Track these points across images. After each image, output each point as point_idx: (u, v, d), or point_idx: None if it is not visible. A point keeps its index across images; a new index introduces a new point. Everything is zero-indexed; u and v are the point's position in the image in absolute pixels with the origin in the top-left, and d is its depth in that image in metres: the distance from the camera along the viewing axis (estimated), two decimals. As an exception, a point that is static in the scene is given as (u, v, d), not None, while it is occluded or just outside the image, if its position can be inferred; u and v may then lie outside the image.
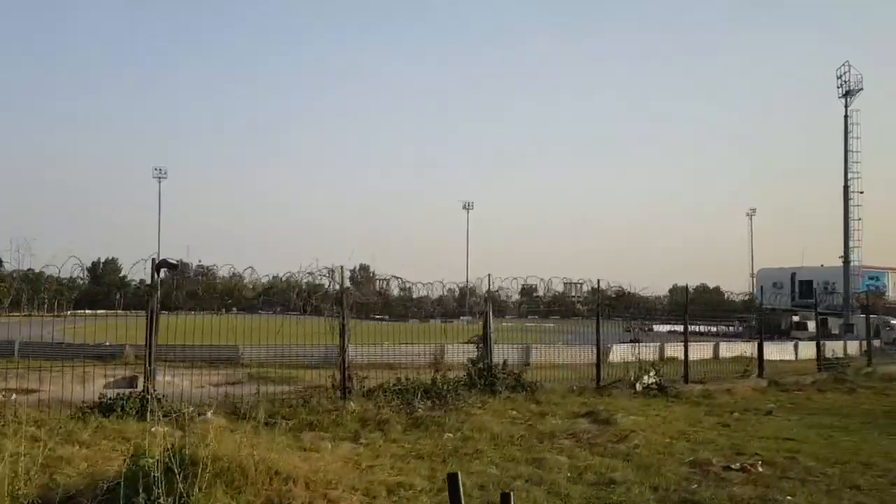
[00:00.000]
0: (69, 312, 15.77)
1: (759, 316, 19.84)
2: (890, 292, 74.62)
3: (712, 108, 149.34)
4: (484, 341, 13.51)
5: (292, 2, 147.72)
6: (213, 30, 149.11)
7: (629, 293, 17.27)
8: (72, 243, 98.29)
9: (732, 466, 8.32)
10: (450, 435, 9.90)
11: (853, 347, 38.21)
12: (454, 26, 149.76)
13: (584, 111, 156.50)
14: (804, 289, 76.50)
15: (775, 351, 32.64)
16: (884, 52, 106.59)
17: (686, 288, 16.98)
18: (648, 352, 29.88)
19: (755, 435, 10.85)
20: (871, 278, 73.73)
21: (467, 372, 13.23)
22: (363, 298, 13.60)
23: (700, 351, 25.78)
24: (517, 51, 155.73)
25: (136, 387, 13.91)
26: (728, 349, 30.58)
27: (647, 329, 42.39)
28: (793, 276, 78.84)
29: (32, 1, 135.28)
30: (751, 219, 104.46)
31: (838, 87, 65.35)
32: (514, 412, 11.96)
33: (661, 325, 47.84)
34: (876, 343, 43.80)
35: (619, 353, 26.57)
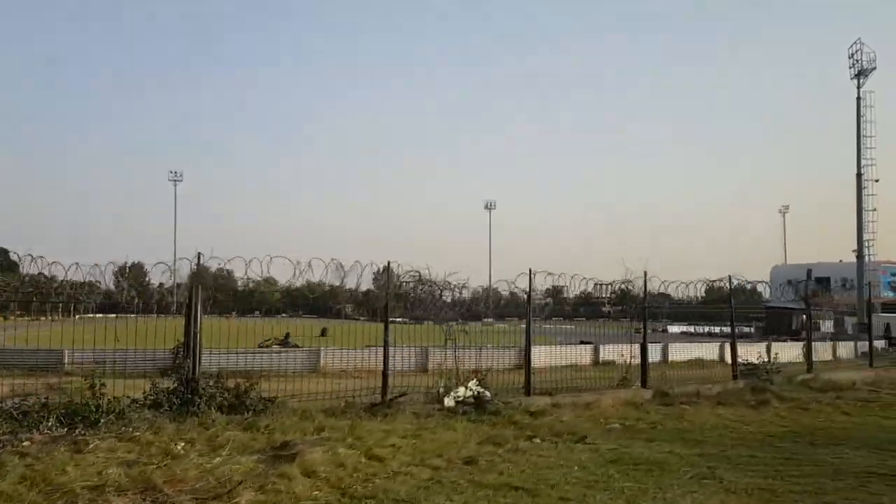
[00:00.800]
0: (77, 316, 14.89)
1: (642, 308, 15.70)
2: (914, 288, 68.88)
3: (712, 108, 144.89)
4: (185, 346, 9.87)
5: (292, 2, 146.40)
6: (213, 30, 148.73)
7: (433, 281, 13.35)
8: (73, 244, 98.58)
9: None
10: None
11: (847, 349, 33.32)
12: (454, 27, 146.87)
13: (584, 111, 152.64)
14: (822, 286, 71.06)
15: (742, 353, 28.18)
16: (885, 51, 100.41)
17: (530, 279, 13.10)
18: (583, 354, 26.29)
19: (482, 481, 7.07)
20: (893, 275, 67.93)
21: (153, 387, 9.62)
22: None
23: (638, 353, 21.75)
24: (517, 54, 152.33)
25: None
26: (688, 351, 26.42)
27: (660, 329, 38.37)
28: (809, 272, 73.10)
29: (32, 1, 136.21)
30: (783, 216, 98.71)
31: (850, 68, 59.68)
32: (180, 446, 8.31)
33: (676, 326, 43.77)
34: (883, 343, 38.93)
35: (545, 355, 22.78)
